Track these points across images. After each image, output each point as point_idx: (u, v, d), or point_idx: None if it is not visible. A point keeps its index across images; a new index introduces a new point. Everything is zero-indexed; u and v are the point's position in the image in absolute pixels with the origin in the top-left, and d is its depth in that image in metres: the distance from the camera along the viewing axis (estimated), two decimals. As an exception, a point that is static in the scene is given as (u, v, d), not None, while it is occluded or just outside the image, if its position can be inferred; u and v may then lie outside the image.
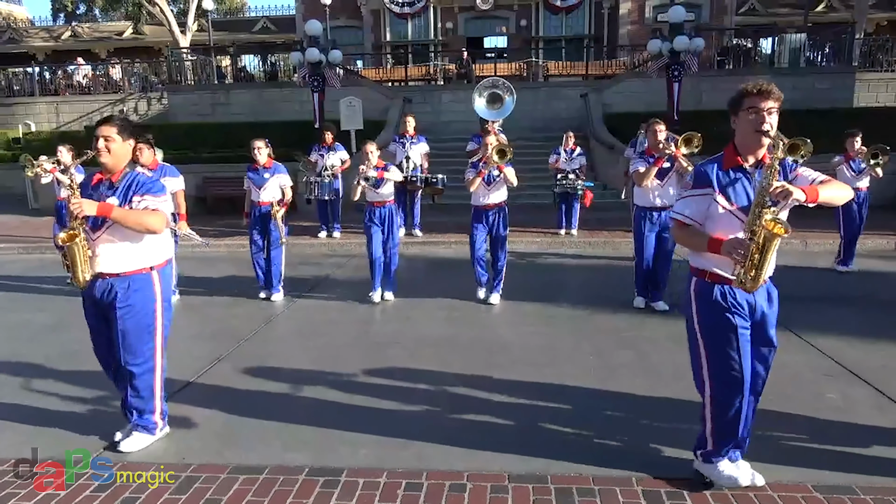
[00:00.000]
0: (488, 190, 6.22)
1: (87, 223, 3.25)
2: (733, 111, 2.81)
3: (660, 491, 3.00)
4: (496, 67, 20.42)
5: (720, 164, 2.85)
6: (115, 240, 3.32)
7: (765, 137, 2.66)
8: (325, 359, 4.96)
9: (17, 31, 31.22)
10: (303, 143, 11.30)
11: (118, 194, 3.31)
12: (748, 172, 2.79)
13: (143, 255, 3.40)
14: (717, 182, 2.80)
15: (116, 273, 3.35)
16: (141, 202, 3.30)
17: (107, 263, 3.34)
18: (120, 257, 3.34)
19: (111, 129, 3.29)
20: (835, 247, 8.87)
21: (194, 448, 3.55)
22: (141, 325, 3.41)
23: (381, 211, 6.50)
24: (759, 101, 2.67)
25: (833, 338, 5.05)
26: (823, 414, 3.83)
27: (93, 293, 3.39)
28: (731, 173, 2.81)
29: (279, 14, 30.27)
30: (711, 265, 2.85)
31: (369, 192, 6.44)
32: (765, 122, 2.65)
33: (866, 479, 3.08)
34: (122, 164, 3.37)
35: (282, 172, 6.72)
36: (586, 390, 4.26)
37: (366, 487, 3.08)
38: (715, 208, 2.80)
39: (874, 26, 25.29)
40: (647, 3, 23.93)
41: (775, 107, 2.68)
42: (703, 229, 2.85)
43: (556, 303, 6.44)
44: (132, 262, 3.37)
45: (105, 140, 3.27)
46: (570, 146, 10.03)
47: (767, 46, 20.51)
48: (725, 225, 2.79)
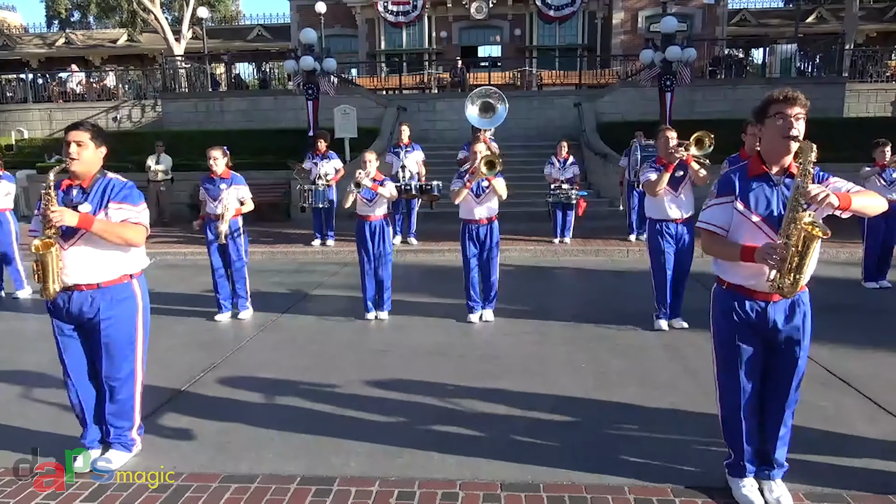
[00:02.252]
0: (477, 203, 5.85)
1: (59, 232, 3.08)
2: (759, 119, 2.79)
3: (652, 499, 3.00)
4: (490, 76, 20.52)
5: (745, 171, 2.85)
6: (90, 248, 3.16)
7: (793, 143, 2.65)
8: (318, 367, 4.95)
9: (11, 37, 31.16)
10: (297, 152, 11.33)
11: (91, 200, 3.18)
12: (773, 182, 2.77)
13: (121, 263, 3.27)
14: (739, 189, 2.79)
15: (95, 284, 3.20)
16: (119, 210, 3.18)
17: (83, 274, 3.17)
18: (96, 267, 3.19)
19: (83, 134, 3.19)
20: (826, 255, 8.96)
21: (185, 457, 3.53)
22: (123, 337, 3.31)
23: (372, 226, 6.15)
24: (785, 107, 2.65)
25: (826, 347, 5.07)
26: (816, 423, 3.83)
27: (68, 307, 3.22)
28: (754, 181, 2.79)
29: (274, 22, 30.34)
30: (738, 278, 2.84)
31: (361, 206, 6.10)
32: (793, 128, 2.64)
33: (858, 487, 3.09)
34: (94, 170, 3.24)
35: (240, 184, 6.26)
36: (579, 399, 4.26)
37: (358, 496, 3.07)
38: (737, 216, 2.80)
39: (864, 37, 25.58)
40: (640, 13, 24.12)
41: (802, 113, 2.66)
42: (730, 238, 2.83)
43: (549, 311, 6.44)
44: (110, 272, 3.24)
45: (77, 145, 3.16)
46: (563, 156, 10.08)
47: (759, 57, 20.72)
48: (746, 233, 2.77)
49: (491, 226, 5.96)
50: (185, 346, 5.46)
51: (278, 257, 9.92)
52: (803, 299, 2.88)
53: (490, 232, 5.95)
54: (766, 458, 2.99)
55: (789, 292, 2.69)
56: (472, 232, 5.94)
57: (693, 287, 6.03)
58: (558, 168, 10.02)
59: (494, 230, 5.98)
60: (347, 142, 13.23)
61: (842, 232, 9.91)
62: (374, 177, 5.97)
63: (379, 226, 6.17)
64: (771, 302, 2.81)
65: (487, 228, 5.95)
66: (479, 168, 5.55)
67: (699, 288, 6.74)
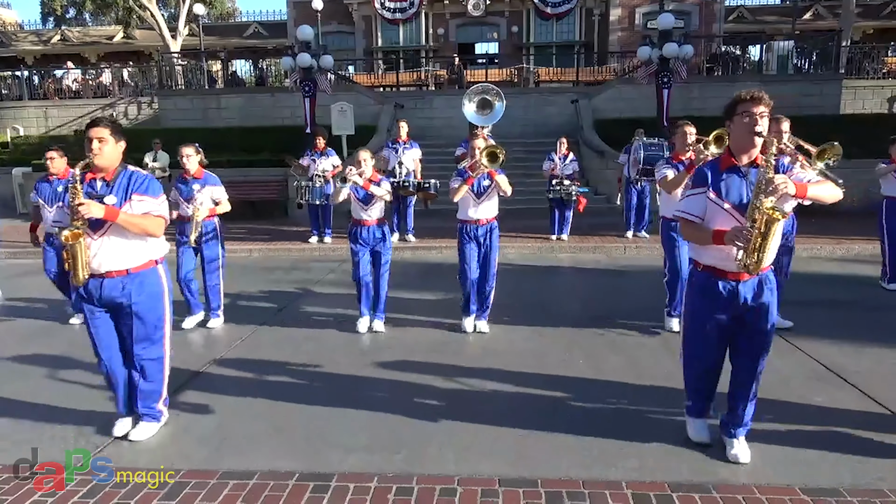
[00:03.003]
0: (478, 202, 5.43)
1: (87, 223, 3.31)
2: (728, 117, 3.11)
3: (649, 494, 3.01)
4: (487, 73, 20.50)
5: (717, 165, 3.19)
6: (118, 238, 3.40)
7: (758, 137, 2.96)
8: (315, 364, 4.95)
9: (6, 34, 31.03)
10: (294, 149, 11.31)
11: (116, 192, 3.40)
12: (742, 173, 3.08)
13: (146, 249, 3.53)
14: (711, 180, 3.12)
15: (125, 270, 3.45)
16: (142, 202, 3.42)
17: (113, 262, 3.42)
18: (125, 254, 3.45)
19: (104, 130, 3.38)
20: (823, 251, 9.00)
21: (183, 453, 3.53)
22: (152, 319, 3.58)
23: (369, 231, 5.62)
24: (751, 106, 2.97)
25: (821, 342, 5.10)
26: (811, 417, 3.86)
27: (100, 293, 3.45)
28: (725, 173, 3.11)
29: (270, 19, 30.24)
30: (711, 260, 3.20)
31: (356, 208, 5.61)
32: (758, 124, 2.96)
33: (853, 480, 3.12)
34: (115, 164, 3.45)
35: (214, 184, 5.90)
36: (576, 394, 4.27)
37: (356, 492, 3.08)
38: (710, 204, 3.12)
39: (861, 34, 25.63)
40: (637, 10, 24.12)
41: (766, 111, 2.98)
42: (705, 224, 3.15)
43: (546, 308, 6.46)
44: (137, 258, 3.49)
45: (99, 141, 3.35)
46: (563, 152, 10.08)
47: (756, 53, 20.76)
48: (719, 219, 3.08)
49: (491, 226, 5.54)
50: (179, 344, 5.45)
51: (275, 254, 9.92)
52: (769, 277, 3.21)
53: (490, 233, 5.53)
54: (734, 419, 3.37)
55: (754, 270, 3.01)
56: (471, 233, 5.52)
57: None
58: (557, 164, 10.01)
59: (494, 231, 5.57)
60: (345, 139, 13.21)
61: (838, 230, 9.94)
62: (371, 177, 5.48)
63: (375, 231, 5.64)
64: (741, 281, 3.14)
65: (487, 229, 5.52)
66: (480, 161, 5.15)
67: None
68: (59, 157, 5.96)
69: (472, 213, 5.47)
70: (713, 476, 3.17)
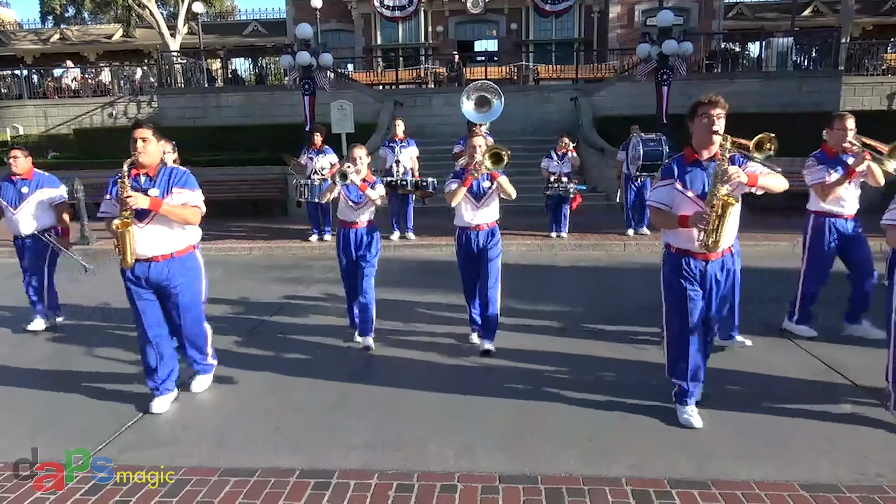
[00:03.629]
0: (477, 205, 4.89)
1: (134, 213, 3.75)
2: (690, 118, 3.57)
3: (649, 491, 3.03)
4: (487, 71, 20.49)
5: (682, 159, 3.63)
6: (162, 226, 3.86)
7: (715, 136, 3.41)
8: (316, 361, 4.96)
9: (5, 33, 31.00)
10: (294, 147, 11.31)
11: (158, 185, 3.84)
12: (703, 166, 3.53)
13: (186, 236, 4.02)
14: (678, 173, 3.57)
15: (169, 254, 3.92)
16: (181, 194, 3.86)
17: (158, 247, 3.88)
18: (168, 240, 3.91)
19: (147, 131, 3.84)
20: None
21: (185, 451, 3.55)
22: (194, 295, 4.11)
23: (357, 234, 5.19)
24: (710, 108, 3.43)
25: (819, 338, 5.11)
26: (810, 413, 3.87)
27: (147, 276, 3.90)
28: (689, 167, 3.57)
29: (270, 17, 30.24)
30: (678, 242, 3.66)
31: (345, 209, 5.20)
32: (715, 124, 3.42)
33: (852, 477, 3.13)
34: (157, 160, 3.91)
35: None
36: (576, 391, 4.28)
37: (357, 489, 3.09)
38: (676, 194, 3.55)
39: (860, 31, 25.61)
40: (637, 7, 24.11)
41: (722, 113, 3.43)
42: (672, 212, 3.57)
43: (547, 304, 6.47)
44: (179, 243, 3.96)
45: (143, 141, 3.80)
46: (563, 150, 10.09)
47: (755, 50, 20.70)
48: (684, 206, 3.52)
49: (492, 231, 4.98)
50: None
51: (275, 252, 9.93)
52: (734, 258, 3.72)
53: (490, 238, 4.96)
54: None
55: (713, 248, 3.47)
56: (470, 239, 4.97)
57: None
58: (556, 162, 10.02)
59: (496, 237, 5.00)
60: (344, 137, 13.21)
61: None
62: (365, 177, 5.07)
63: (364, 234, 5.21)
64: (709, 261, 3.61)
65: (487, 234, 4.96)
66: (482, 162, 4.65)
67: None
68: (22, 158, 5.76)
69: (470, 217, 4.93)
70: (712, 473, 3.18)
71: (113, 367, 4.88)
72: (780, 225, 8.94)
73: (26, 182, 5.81)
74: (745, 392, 4.22)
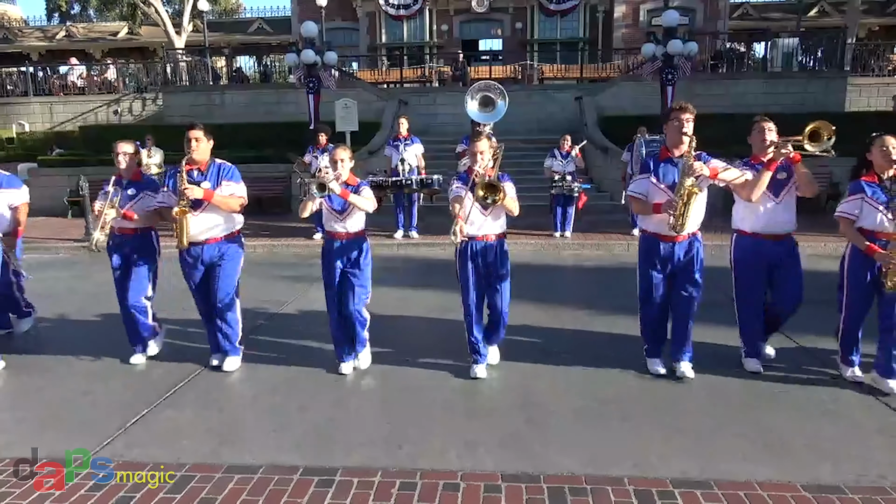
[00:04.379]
0: (484, 215, 4.31)
1: (190, 202, 4.31)
2: (664, 121, 4.25)
3: (651, 490, 3.03)
4: (491, 70, 20.51)
5: (657, 157, 4.30)
6: (214, 214, 4.48)
7: (684, 136, 4.05)
8: (318, 359, 4.97)
9: (12, 30, 31.08)
10: (298, 145, 11.32)
11: (210, 178, 4.46)
12: (674, 162, 4.17)
13: (232, 222, 4.63)
14: (653, 168, 4.24)
15: (220, 237, 4.55)
16: (228, 186, 4.49)
17: (211, 231, 4.51)
18: (218, 226, 4.53)
19: (199, 131, 4.39)
20: (827, 249, 8.98)
21: (189, 448, 3.56)
22: (233, 272, 4.66)
23: (343, 247, 4.51)
24: (680, 114, 4.08)
25: (822, 338, 5.09)
26: (813, 414, 3.87)
27: (201, 256, 4.54)
28: (662, 163, 4.23)
29: (274, 15, 30.26)
30: (651, 226, 4.33)
31: (329, 217, 4.52)
32: (684, 127, 4.06)
33: (855, 478, 3.13)
34: (207, 157, 4.50)
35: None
36: (579, 390, 4.29)
37: (360, 487, 3.10)
38: (651, 186, 4.23)
39: (866, 31, 25.52)
40: (642, 6, 24.08)
41: (691, 118, 4.06)
42: (648, 200, 4.24)
43: (550, 305, 6.47)
44: (227, 228, 4.59)
45: (195, 140, 4.37)
46: (566, 149, 10.09)
47: (760, 50, 20.66)
48: (657, 196, 4.19)
49: (501, 244, 4.43)
50: (190, 338, 5.47)
51: (280, 250, 9.95)
52: (698, 241, 4.32)
53: (499, 252, 4.41)
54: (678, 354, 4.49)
55: (680, 230, 4.11)
56: (475, 252, 4.40)
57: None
58: (560, 161, 10.02)
59: (505, 251, 4.47)
60: (349, 135, 13.22)
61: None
62: (347, 180, 4.46)
63: (350, 247, 4.53)
64: (676, 243, 4.24)
65: (496, 247, 4.40)
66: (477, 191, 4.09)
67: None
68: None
69: (475, 227, 4.33)
70: (715, 473, 3.18)
71: (116, 364, 4.91)
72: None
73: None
74: (746, 393, 4.22)
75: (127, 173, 4.80)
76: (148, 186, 4.85)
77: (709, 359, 4.70)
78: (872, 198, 4.03)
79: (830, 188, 12.03)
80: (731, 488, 3.02)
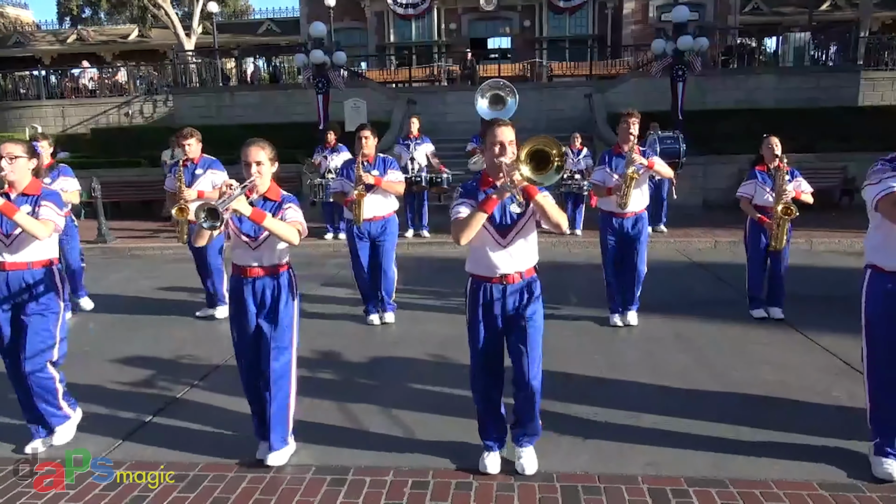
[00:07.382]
0: (502, 243, 3.13)
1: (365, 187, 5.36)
2: (618, 124, 5.34)
3: (665, 489, 3.01)
4: (500, 68, 20.47)
5: (612, 151, 5.43)
6: (380, 196, 5.53)
7: (631, 136, 5.15)
8: (329, 359, 4.98)
9: (24, 34, 31.41)
10: (308, 145, 11.35)
11: (377, 168, 5.53)
12: (624, 156, 5.18)
13: (392, 203, 5.72)
14: (608, 161, 5.39)
15: (383, 216, 5.64)
16: (393, 174, 5.58)
17: (376, 210, 5.54)
18: (382, 206, 5.59)
19: (368, 130, 5.57)
20: (840, 245, 8.89)
21: (201, 447, 3.57)
22: (393, 246, 5.88)
23: (254, 288, 3.36)
24: (628, 118, 5.19)
25: (838, 336, 5.04)
26: (829, 412, 3.83)
27: (369, 230, 5.63)
28: (615, 157, 5.36)
29: (283, 16, 30.42)
30: (606, 206, 5.45)
31: (239, 249, 3.42)
32: (630, 128, 5.16)
33: (872, 476, 3.08)
34: (373, 150, 5.58)
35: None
36: (591, 389, 4.27)
37: (372, 486, 3.10)
38: (606, 175, 5.34)
39: (879, 25, 25.23)
40: (651, 3, 23.93)
41: (636, 121, 5.20)
42: (604, 186, 5.35)
43: (561, 302, 6.43)
44: (388, 208, 5.66)
45: (365, 139, 5.47)
46: (576, 147, 10.05)
47: (772, 45, 20.49)
48: (611, 182, 5.31)
49: (529, 284, 3.27)
50: (202, 339, 5.50)
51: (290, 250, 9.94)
52: (643, 218, 5.44)
53: (528, 296, 3.26)
54: (630, 305, 5.69)
55: (625, 207, 5.25)
56: (492, 298, 3.23)
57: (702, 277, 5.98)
58: (572, 159, 9.99)
59: (535, 293, 3.30)
60: (357, 135, 13.25)
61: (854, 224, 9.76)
62: (267, 194, 3.39)
63: (267, 287, 3.43)
64: (625, 217, 5.35)
65: (522, 290, 3.24)
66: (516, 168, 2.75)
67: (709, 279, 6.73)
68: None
69: (492, 262, 3.16)
70: (730, 471, 3.16)
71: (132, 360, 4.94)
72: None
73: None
74: (762, 390, 4.18)
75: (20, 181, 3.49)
76: (48, 197, 3.54)
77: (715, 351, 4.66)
78: (762, 182, 5.47)
79: (845, 183, 11.92)
80: (747, 487, 2.99)
